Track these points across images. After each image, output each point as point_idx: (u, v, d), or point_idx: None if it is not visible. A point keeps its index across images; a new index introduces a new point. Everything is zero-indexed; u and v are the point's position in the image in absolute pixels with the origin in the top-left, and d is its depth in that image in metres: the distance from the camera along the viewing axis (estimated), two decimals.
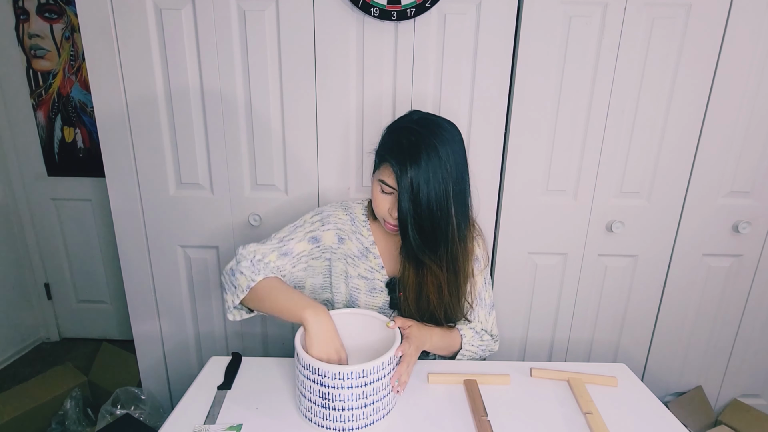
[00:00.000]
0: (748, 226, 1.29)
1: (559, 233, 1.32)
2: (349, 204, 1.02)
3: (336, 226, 0.97)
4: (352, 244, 0.97)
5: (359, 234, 0.98)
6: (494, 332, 1.03)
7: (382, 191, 0.86)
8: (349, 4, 1.14)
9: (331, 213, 0.98)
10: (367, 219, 0.99)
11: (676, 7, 1.15)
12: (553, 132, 1.24)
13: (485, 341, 1.00)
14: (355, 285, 0.98)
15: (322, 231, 0.96)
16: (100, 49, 1.18)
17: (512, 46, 1.18)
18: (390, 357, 0.76)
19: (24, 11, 1.87)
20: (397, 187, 0.81)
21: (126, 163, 1.26)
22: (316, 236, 0.96)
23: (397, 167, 0.79)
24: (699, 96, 1.21)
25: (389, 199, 0.86)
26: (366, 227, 0.98)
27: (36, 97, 1.96)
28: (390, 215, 0.86)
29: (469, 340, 0.97)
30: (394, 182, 0.82)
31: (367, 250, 0.97)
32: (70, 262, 2.17)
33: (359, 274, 0.98)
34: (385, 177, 0.84)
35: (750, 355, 1.45)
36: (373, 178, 0.89)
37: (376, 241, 0.98)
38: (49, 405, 1.54)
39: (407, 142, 0.80)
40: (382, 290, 0.98)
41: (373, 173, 0.91)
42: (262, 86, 1.21)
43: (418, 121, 0.85)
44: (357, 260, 0.97)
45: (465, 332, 0.98)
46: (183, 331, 1.42)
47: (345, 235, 0.97)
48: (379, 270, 0.98)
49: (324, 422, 0.75)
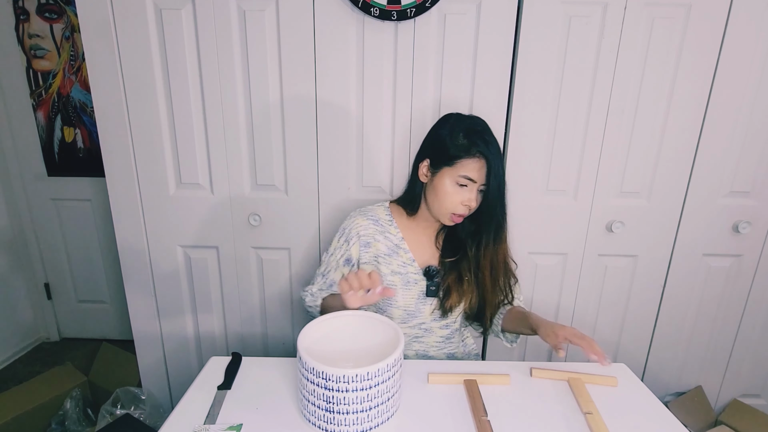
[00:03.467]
0: (748, 226, 1.29)
1: (559, 233, 1.32)
2: (368, 208, 1.07)
3: (357, 235, 1.03)
4: (380, 244, 1.03)
5: (387, 233, 1.04)
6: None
7: (458, 185, 0.94)
8: (349, 4, 1.14)
9: (351, 226, 1.05)
10: (392, 218, 1.05)
11: (676, 7, 1.15)
12: (553, 132, 1.24)
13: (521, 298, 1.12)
14: (390, 282, 1.02)
15: (350, 249, 1.04)
16: (100, 49, 1.18)
17: (512, 45, 1.18)
18: (394, 359, 0.75)
19: (24, 11, 1.87)
20: (485, 178, 0.93)
21: (126, 163, 1.26)
22: (348, 257, 1.04)
23: (491, 160, 0.92)
24: (699, 96, 1.21)
25: (465, 191, 0.94)
26: (393, 225, 1.05)
27: (36, 97, 1.96)
28: (464, 206, 0.95)
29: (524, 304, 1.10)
30: (481, 174, 0.93)
31: (397, 246, 1.03)
32: (70, 262, 2.17)
33: (392, 271, 1.02)
34: (468, 172, 0.93)
35: (750, 355, 1.45)
36: (438, 176, 0.96)
37: (404, 237, 1.04)
38: (49, 405, 1.53)
39: (488, 138, 0.93)
40: (416, 282, 1.03)
41: (430, 172, 0.98)
42: (262, 86, 1.21)
43: (478, 120, 0.97)
44: (388, 258, 1.03)
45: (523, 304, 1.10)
46: (183, 331, 1.42)
47: (370, 239, 1.03)
48: (411, 263, 1.03)
49: (328, 426, 0.75)
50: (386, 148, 1.26)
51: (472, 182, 0.93)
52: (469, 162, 0.92)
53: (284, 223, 1.32)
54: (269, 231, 1.33)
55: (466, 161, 0.92)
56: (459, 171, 0.93)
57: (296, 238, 1.33)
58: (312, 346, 0.82)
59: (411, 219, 1.05)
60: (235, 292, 1.39)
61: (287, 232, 1.33)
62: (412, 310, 1.03)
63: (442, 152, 0.95)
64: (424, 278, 1.03)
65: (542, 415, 0.83)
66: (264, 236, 1.33)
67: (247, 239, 1.33)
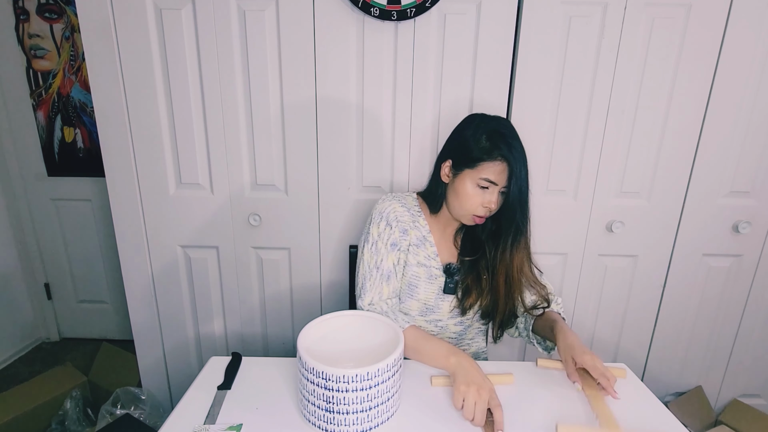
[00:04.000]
0: (748, 226, 1.29)
1: (559, 233, 1.32)
2: (401, 195, 1.07)
3: (397, 220, 1.01)
4: (413, 233, 1.03)
5: (417, 223, 1.04)
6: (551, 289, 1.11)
7: (479, 186, 0.93)
8: (349, 4, 1.14)
9: (389, 210, 1.02)
10: (421, 210, 1.05)
11: (676, 7, 1.15)
12: (553, 132, 1.24)
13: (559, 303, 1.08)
14: (415, 273, 1.02)
15: (394, 232, 1.01)
16: (100, 49, 1.18)
17: (512, 46, 1.18)
18: (393, 359, 0.75)
19: (24, 11, 1.87)
20: (507, 182, 0.92)
21: (126, 163, 1.26)
22: (393, 241, 1.01)
23: (514, 164, 0.90)
24: (699, 96, 1.21)
25: (486, 193, 0.93)
26: (422, 217, 1.04)
27: (36, 97, 1.95)
28: (484, 208, 0.94)
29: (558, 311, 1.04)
30: (502, 177, 0.91)
31: (424, 238, 1.03)
32: (70, 262, 2.17)
33: (418, 262, 1.03)
34: (489, 174, 0.91)
35: (750, 355, 1.45)
36: (460, 177, 0.95)
37: (431, 231, 1.04)
38: (49, 405, 1.53)
39: (512, 141, 0.91)
40: (437, 277, 1.03)
41: (451, 173, 0.97)
42: (261, 86, 1.21)
43: (504, 122, 0.95)
44: (417, 249, 1.03)
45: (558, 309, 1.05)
46: (183, 331, 1.42)
47: (407, 226, 1.02)
48: (434, 258, 1.03)
49: (328, 426, 0.75)
50: (386, 148, 1.26)
51: (494, 185, 0.92)
52: (491, 165, 0.91)
53: (284, 223, 1.32)
54: (269, 231, 1.33)
55: (487, 164, 0.91)
56: (480, 173, 0.92)
57: (296, 238, 1.33)
58: (312, 346, 0.82)
59: (434, 216, 1.06)
60: (235, 292, 1.39)
61: (287, 232, 1.33)
62: (431, 305, 1.04)
63: (464, 154, 0.94)
64: (443, 274, 1.03)
65: (546, 414, 0.82)
66: (264, 236, 1.33)
67: (247, 239, 1.33)
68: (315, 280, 1.37)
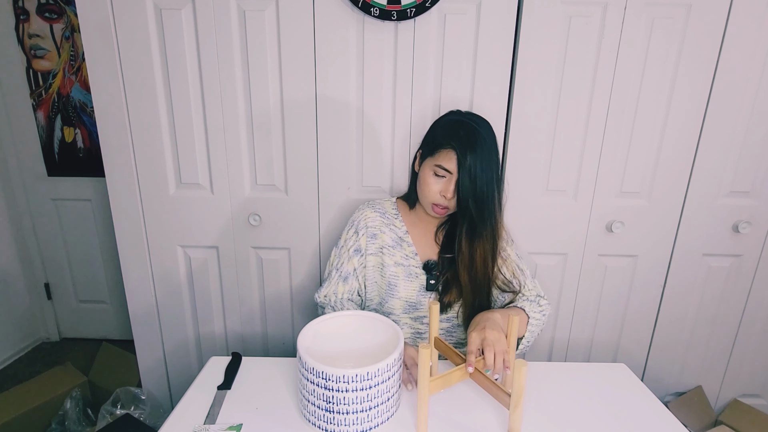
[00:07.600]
0: (748, 226, 1.29)
1: (559, 233, 1.32)
2: (376, 202, 1.12)
3: (365, 227, 1.07)
4: (386, 235, 1.07)
5: (392, 225, 1.08)
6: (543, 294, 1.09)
7: (435, 174, 0.96)
8: (349, 4, 1.14)
9: (359, 218, 1.09)
10: (398, 212, 1.09)
11: (676, 7, 1.15)
12: (553, 132, 1.24)
13: (543, 305, 1.05)
14: (393, 273, 1.05)
15: (359, 240, 1.07)
16: (100, 49, 1.18)
17: (512, 45, 1.18)
18: (393, 359, 0.75)
19: (24, 11, 1.87)
20: (456, 170, 0.93)
21: (126, 163, 1.26)
22: (357, 247, 1.07)
23: (460, 151, 0.91)
24: (699, 96, 1.21)
25: (442, 182, 0.96)
26: (399, 219, 1.09)
27: (36, 97, 1.96)
28: (441, 197, 0.96)
29: (530, 309, 1.01)
30: (453, 166, 0.93)
31: (401, 239, 1.07)
32: (70, 262, 2.17)
33: (396, 262, 1.05)
34: (442, 162, 0.94)
35: (750, 355, 1.45)
36: (423, 165, 0.99)
37: (409, 231, 1.08)
38: (49, 405, 1.53)
39: (465, 132, 0.93)
40: (417, 275, 1.05)
41: (420, 162, 1.01)
42: (261, 86, 1.21)
43: (469, 116, 0.98)
44: (392, 249, 1.06)
45: (523, 304, 1.02)
46: (183, 331, 1.42)
47: (376, 230, 1.07)
48: (413, 257, 1.06)
49: (328, 426, 0.75)
50: (386, 148, 1.26)
51: (448, 173, 0.94)
52: (445, 153, 0.94)
53: (284, 223, 1.32)
54: (269, 231, 1.33)
55: (442, 152, 0.95)
56: (435, 161, 0.96)
57: (296, 238, 1.33)
58: (312, 346, 0.82)
59: (413, 213, 1.09)
60: (235, 292, 1.39)
61: (287, 232, 1.33)
62: (413, 302, 1.05)
63: (429, 143, 1.00)
64: (424, 272, 1.05)
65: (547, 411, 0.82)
66: (264, 236, 1.33)
67: (247, 239, 1.33)
68: (315, 280, 1.37)
